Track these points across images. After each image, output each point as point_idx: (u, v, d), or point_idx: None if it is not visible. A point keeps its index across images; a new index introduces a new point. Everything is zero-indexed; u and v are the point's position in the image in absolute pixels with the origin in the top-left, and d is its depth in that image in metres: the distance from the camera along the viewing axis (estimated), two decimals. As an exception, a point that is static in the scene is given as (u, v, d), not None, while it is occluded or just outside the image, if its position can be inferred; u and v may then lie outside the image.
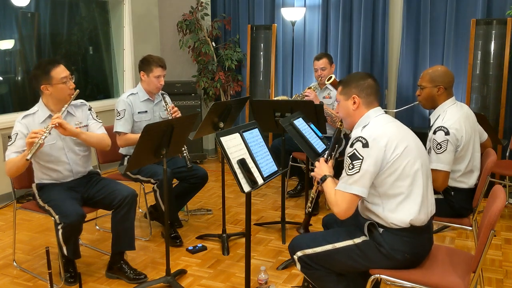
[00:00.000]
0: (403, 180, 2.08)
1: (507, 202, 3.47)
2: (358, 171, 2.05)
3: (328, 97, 4.32)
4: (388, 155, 2.06)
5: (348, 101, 2.25)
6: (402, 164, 2.07)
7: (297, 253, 2.23)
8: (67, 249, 2.82)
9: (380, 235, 2.12)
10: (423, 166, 2.15)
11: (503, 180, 4.33)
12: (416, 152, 2.13)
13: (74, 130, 2.84)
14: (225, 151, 2.21)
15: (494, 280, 3.00)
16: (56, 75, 2.83)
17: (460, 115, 2.76)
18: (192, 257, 3.34)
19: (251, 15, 5.83)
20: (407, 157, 2.08)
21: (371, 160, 2.05)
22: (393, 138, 2.08)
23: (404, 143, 2.09)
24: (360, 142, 2.07)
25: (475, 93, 4.60)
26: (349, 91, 2.25)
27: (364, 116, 2.22)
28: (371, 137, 2.06)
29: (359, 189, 2.06)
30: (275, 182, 5.00)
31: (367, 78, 2.25)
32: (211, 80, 5.84)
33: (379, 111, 2.24)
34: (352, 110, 2.24)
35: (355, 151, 2.07)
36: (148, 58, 3.58)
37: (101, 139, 3.03)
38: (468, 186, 2.83)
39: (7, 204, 4.41)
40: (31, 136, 2.63)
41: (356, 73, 2.41)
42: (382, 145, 2.06)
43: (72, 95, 2.90)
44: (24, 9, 4.94)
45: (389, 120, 2.22)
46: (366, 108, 2.23)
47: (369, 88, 2.23)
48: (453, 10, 4.72)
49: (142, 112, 3.60)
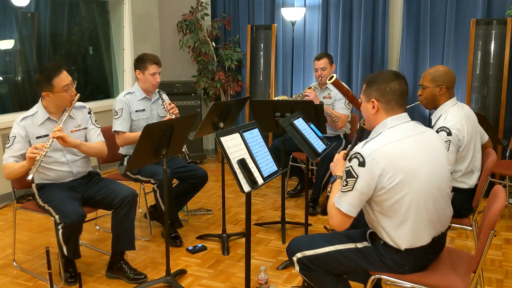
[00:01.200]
0: (400, 208, 1.97)
1: (507, 202, 3.47)
2: (351, 189, 1.95)
3: (328, 97, 4.31)
4: (383, 180, 1.93)
5: (368, 104, 2.10)
6: (398, 193, 1.94)
7: (297, 255, 2.19)
8: (67, 249, 2.82)
9: (382, 246, 2.08)
10: (431, 190, 2.00)
11: (503, 180, 4.33)
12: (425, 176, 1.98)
13: (74, 142, 2.86)
14: (225, 151, 2.21)
15: (494, 280, 3.00)
16: (58, 83, 2.83)
17: (462, 116, 2.76)
18: (192, 257, 3.34)
19: (251, 15, 5.83)
20: (406, 186, 1.94)
21: (364, 181, 1.93)
22: (392, 165, 1.92)
23: (403, 170, 1.93)
24: (356, 159, 1.94)
25: (475, 93, 4.60)
26: (369, 93, 2.09)
27: (381, 123, 2.06)
28: (370, 157, 1.92)
29: (349, 208, 1.96)
30: (275, 182, 5.00)
31: (390, 82, 2.05)
32: (211, 80, 5.84)
33: (399, 119, 2.04)
34: (371, 114, 2.09)
35: (350, 168, 1.95)
36: (143, 56, 3.58)
37: (99, 150, 3.08)
38: (468, 186, 2.83)
39: (7, 204, 4.41)
40: (32, 152, 2.64)
41: (383, 72, 2.16)
42: (378, 169, 1.91)
43: (73, 101, 2.91)
44: (24, 9, 4.94)
45: (406, 134, 2.01)
46: (386, 114, 2.05)
47: (391, 94, 2.04)
48: (453, 10, 4.71)
49: (139, 110, 3.60)
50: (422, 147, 2.03)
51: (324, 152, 2.91)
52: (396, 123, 2.04)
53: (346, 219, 1.99)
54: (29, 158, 2.65)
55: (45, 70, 2.86)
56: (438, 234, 2.10)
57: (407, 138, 2.01)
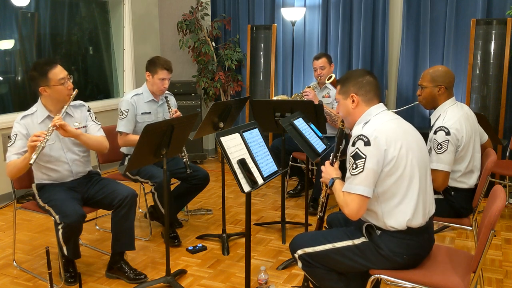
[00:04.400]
0: (401, 182, 2.05)
1: (507, 202, 3.47)
2: (362, 170, 2.01)
3: (327, 96, 4.32)
4: (388, 155, 2.02)
5: (347, 100, 2.21)
6: (401, 165, 2.04)
7: (298, 251, 2.24)
8: (67, 249, 2.82)
9: (379, 237, 2.12)
10: (422, 166, 2.12)
11: (503, 180, 4.33)
12: (416, 151, 2.10)
13: (74, 132, 2.84)
14: (225, 151, 2.21)
15: (494, 280, 3.00)
16: (53, 76, 2.82)
17: (461, 115, 2.76)
18: (192, 257, 3.34)
19: (251, 15, 5.83)
20: (405, 157, 2.05)
21: (373, 159, 2.01)
22: (391, 138, 2.04)
23: (402, 143, 2.05)
24: (361, 141, 2.03)
25: (475, 93, 4.60)
26: (347, 89, 2.21)
27: (364, 113, 2.18)
28: (372, 136, 2.03)
29: (365, 189, 2.02)
30: (275, 182, 5.00)
31: (365, 75, 2.21)
32: (211, 80, 5.84)
33: (380, 108, 2.19)
34: (351, 108, 2.21)
35: (357, 150, 2.03)
36: (155, 59, 3.57)
37: (100, 142, 3.03)
38: (468, 186, 2.83)
39: (7, 204, 4.41)
40: (32, 140, 2.63)
41: (354, 70, 2.34)
42: (383, 144, 2.02)
43: (71, 95, 2.89)
44: (24, 9, 4.94)
45: (390, 117, 2.17)
46: (366, 105, 2.19)
47: (368, 85, 2.18)
48: (453, 10, 4.72)
49: (145, 113, 3.60)
50: (407, 128, 2.18)
51: (324, 152, 2.91)
52: (379, 111, 2.18)
53: (363, 202, 2.04)
54: (30, 147, 2.63)
55: (38, 65, 2.84)
56: (429, 217, 2.17)
57: (393, 119, 2.16)
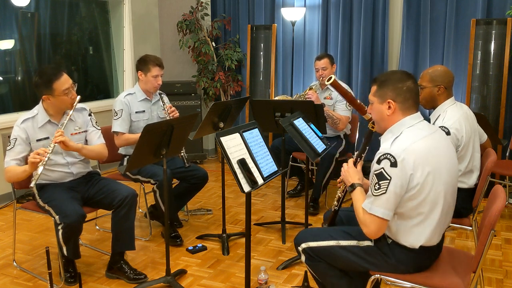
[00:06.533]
0: (423, 207, 1.97)
1: (507, 202, 3.47)
2: (384, 192, 1.91)
3: (329, 98, 4.31)
4: (413, 180, 1.92)
5: (383, 105, 2.05)
6: (425, 191, 1.95)
7: (302, 245, 2.24)
8: (67, 249, 2.82)
9: (388, 246, 2.08)
10: (448, 189, 2.03)
11: (503, 180, 4.33)
12: (444, 175, 2.00)
13: (75, 146, 2.86)
14: (225, 151, 2.21)
15: (494, 280, 3.00)
16: (58, 87, 2.80)
17: (460, 115, 2.76)
18: (192, 257, 3.34)
19: (251, 15, 5.83)
20: (430, 184, 1.95)
21: (398, 182, 1.90)
22: (419, 161, 1.92)
23: (430, 168, 1.94)
24: (388, 160, 1.91)
25: (475, 93, 4.60)
26: (384, 94, 2.04)
27: (398, 123, 2.03)
28: (400, 157, 1.90)
29: (385, 211, 1.93)
30: (275, 182, 5.00)
31: (406, 81, 2.03)
32: (211, 80, 5.84)
33: (416, 119, 2.04)
34: (386, 115, 2.05)
35: (382, 170, 1.92)
36: (145, 57, 3.58)
37: (99, 153, 3.08)
38: (468, 186, 2.83)
39: (7, 204, 4.41)
40: (34, 157, 2.63)
41: (394, 72, 2.13)
42: (409, 167, 1.90)
43: (74, 104, 2.89)
44: (24, 9, 4.94)
45: (423, 134, 2.00)
46: (402, 114, 2.03)
47: (408, 92, 2.01)
48: (453, 10, 4.72)
49: (139, 111, 3.60)
50: (439, 146, 2.04)
51: (324, 152, 2.91)
52: (414, 122, 2.04)
53: (383, 224, 1.97)
54: (31, 163, 2.65)
55: (44, 74, 2.80)
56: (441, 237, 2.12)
57: (427, 136, 2.02)
